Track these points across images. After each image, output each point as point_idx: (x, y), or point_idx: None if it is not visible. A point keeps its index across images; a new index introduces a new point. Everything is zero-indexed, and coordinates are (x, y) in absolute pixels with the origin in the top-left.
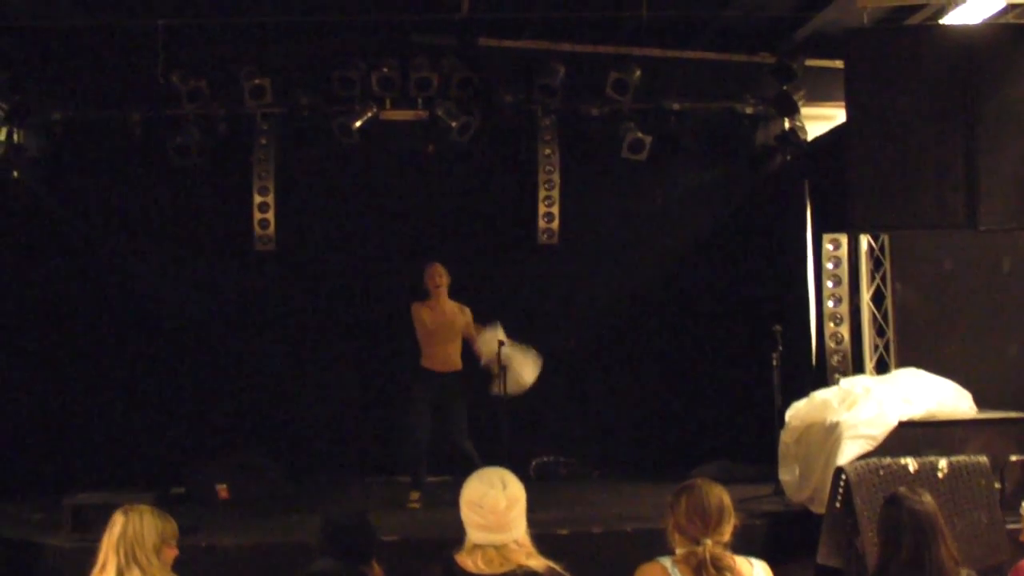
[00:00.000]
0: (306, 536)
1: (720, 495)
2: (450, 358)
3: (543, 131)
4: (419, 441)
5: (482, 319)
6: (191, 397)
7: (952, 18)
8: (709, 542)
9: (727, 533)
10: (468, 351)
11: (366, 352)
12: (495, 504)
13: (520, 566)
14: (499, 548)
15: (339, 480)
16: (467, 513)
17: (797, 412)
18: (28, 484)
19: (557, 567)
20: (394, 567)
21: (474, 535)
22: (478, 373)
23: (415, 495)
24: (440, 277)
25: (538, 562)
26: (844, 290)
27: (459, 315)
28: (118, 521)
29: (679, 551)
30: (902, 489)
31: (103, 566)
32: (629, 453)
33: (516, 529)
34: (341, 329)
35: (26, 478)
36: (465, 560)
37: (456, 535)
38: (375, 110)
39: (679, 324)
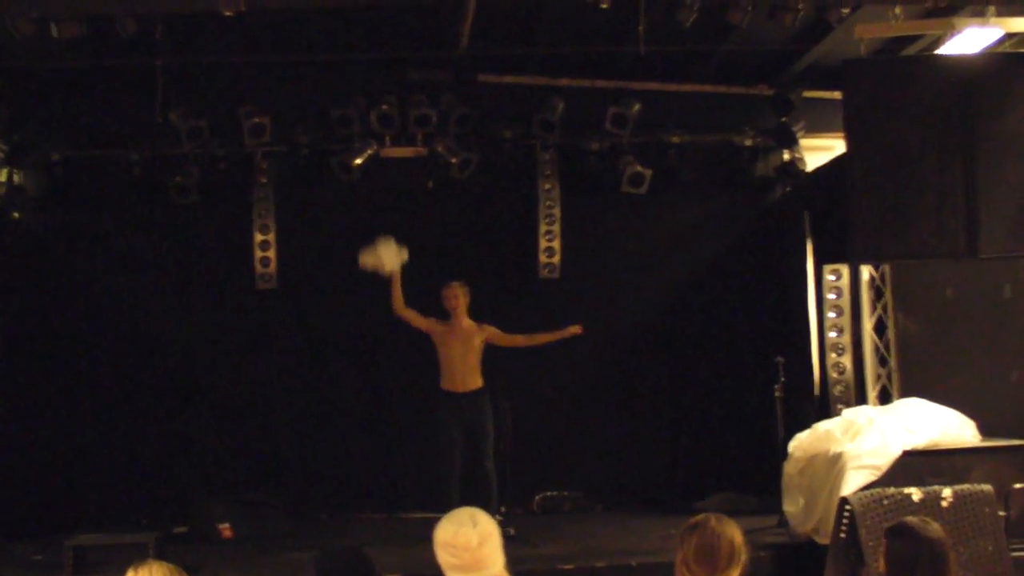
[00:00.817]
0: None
1: (732, 535)
2: (469, 377)
3: (543, 166)
4: (452, 472)
5: (485, 355)
6: (193, 435)
7: (949, 48)
8: None
9: (735, 574)
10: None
11: (369, 389)
12: (467, 542)
13: None
14: None
15: (343, 517)
16: (441, 555)
17: (800, 443)
18: (29, 524)
19: None
20: None
21: None
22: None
23: None
24: (457, 299)
25: None
26: (846, 320)
27: (477, 332)
28: None
29: None
30: (910, 519)
31: None
32: (633, 487)
33: (493, 565)
34: (343, 366)
35: (27, 518)
36: None
37: None
38: (375, 147)
39: (681, 357)
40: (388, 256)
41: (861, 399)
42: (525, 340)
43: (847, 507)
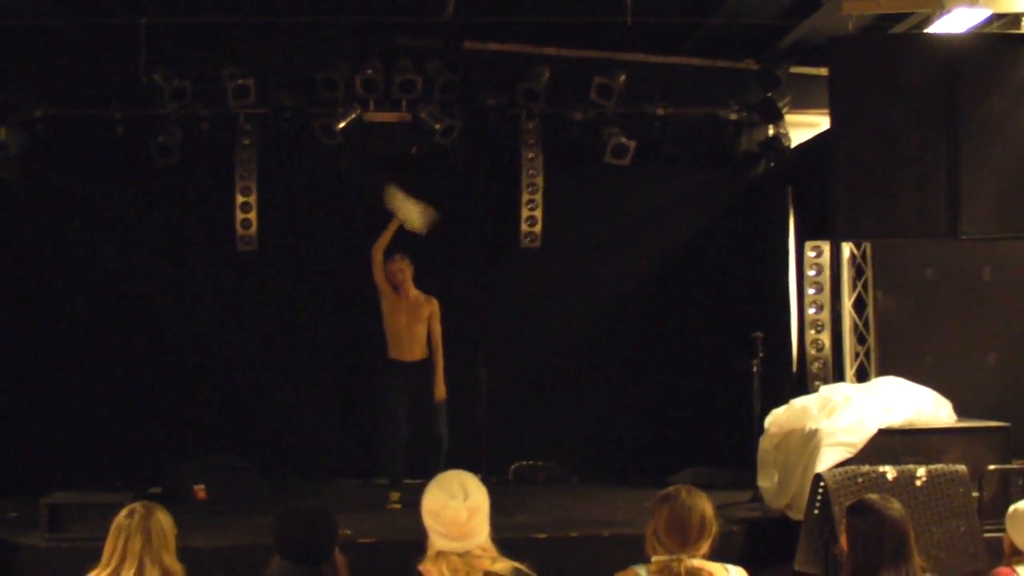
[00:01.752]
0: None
1: (703, 508)
2: (415, 346)
3: (526, 135)
4: (396, 439)
5: (463, 322)
6: (169, 396)
7: (937, 27)
8: (685, 557)
9: (705, 546)
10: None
11: (346, 353)
12: (455, 516)
13: (486, 572)
14: (463, 555)
15: (317, 481)
16: (428, 521)
17: (776, 419)
18: (5, 482)
19: (523, 567)
20: (371, 570)
21: (437, 542)
22: (457, 369)
23: (395, 496)
24: (402, 272)
25: (503, 565)
26: (825, 297)
27: (424, 304)
28: (137, 520)
29: (655, 560)
30: (871, 496)
31: (113, 567)
32: (608, 458)
33: (479, 535)
34: (321, 330)
35: (3, 476)
36: (430, 569)
37: None
38: (358, 111)
39: (660, 329)
40: (416, 215)
41: (839, 376)
42: (436, 340)
43: (821, 483)
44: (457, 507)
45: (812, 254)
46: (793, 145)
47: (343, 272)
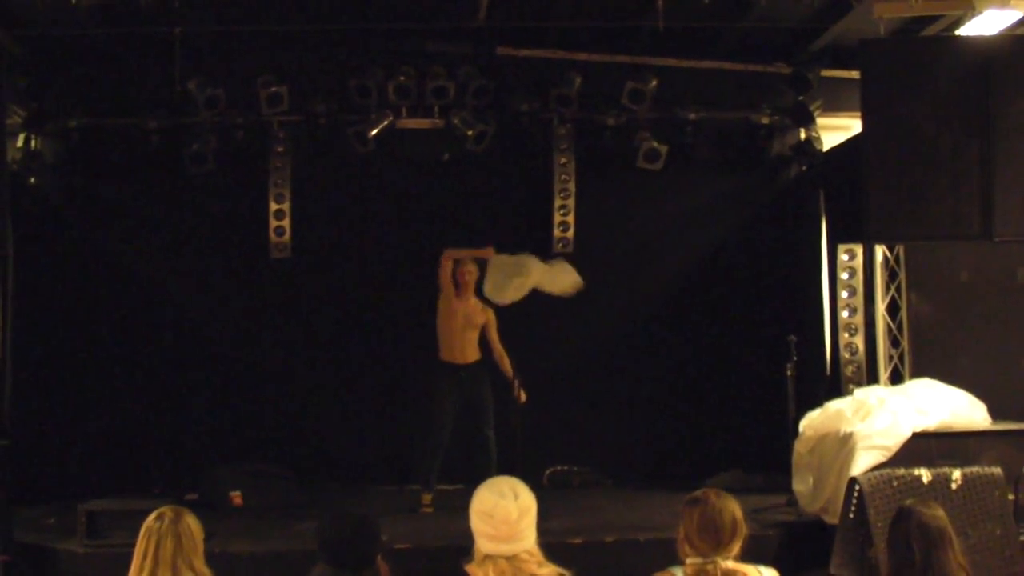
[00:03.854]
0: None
1: (732, 510)
2: (468, 348)
3: (559, 140)
4: (438, 445)
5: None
6: (206, 404)
7: (968, 29)
8: (719, 559)
9: (737, 547)
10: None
11: (381, 360)
12: (507, 514)
13: None
14: (510, 559)
15: (353, 488)
16: (477, 523)
17: (811, 422)
18: (43, 489)
19: (568, 574)
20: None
21: (484, 545)
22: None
23: (427, 498)
24: (469, 275)
25: (549, 570)
26: (859, 300)
27: (480, 313)
28: (167, 524)
29: (689, 562)
30: (910, 501)
31: (148, 573)
32: (643, 462)
33: (527, 539)
34: (356, 337)
35: (41, 483)
36: (476, 572)
37: (468, 543)
38: (391, 118)
39: (694, 333)
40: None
41: (872, 379)
42: (499, 350)
43: (856, 487)
44: (508, 506)
45: (845, 257)
46: (825, 148)
47: (378, 278)
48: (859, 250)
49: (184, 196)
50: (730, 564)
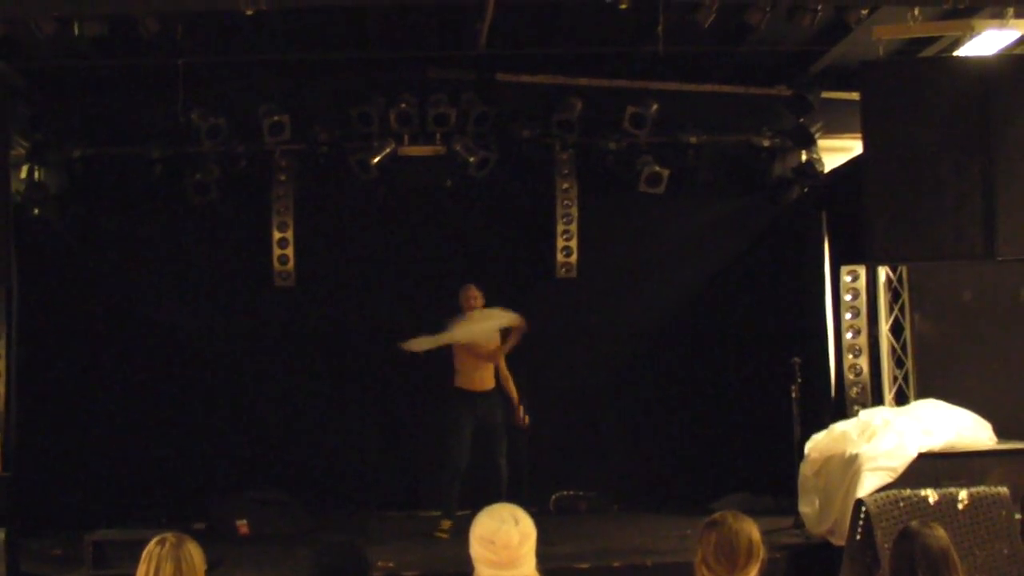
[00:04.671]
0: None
1: (750, 532)
2: (485, 377)
3: (561, 165)
4: (457, 470)
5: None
6: (212, 432)
7: (967, 50)
8: None
9: (754, 571)
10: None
11: (387, 386)
12: (508, 540)
13: None
14: None
15: (360, 515)
16: (477, 549)
17: (817, 444)
18: (49, 519)
19: None
20: None
21: (484, 571)
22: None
23: (447, 524)
24: (475, 300)
25: None
26: (863, 321)
27: (495, 337)
28: (168, 548)
29: None
30: (914, 523)
31: None
32: (649, 486)
33: (527, 565)
34: (361, 364)
35: (47, 513)
36: None
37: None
38: (393, 146)
39: (698, 357)
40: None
41: (877, 400)
42: (504, 373)
43: (863, 509)
44: (509, 531)
45: (848, 279)
46: (826, 170)
47: (382, 305)
48: (862, 271)
49: (188, 226)
50: None
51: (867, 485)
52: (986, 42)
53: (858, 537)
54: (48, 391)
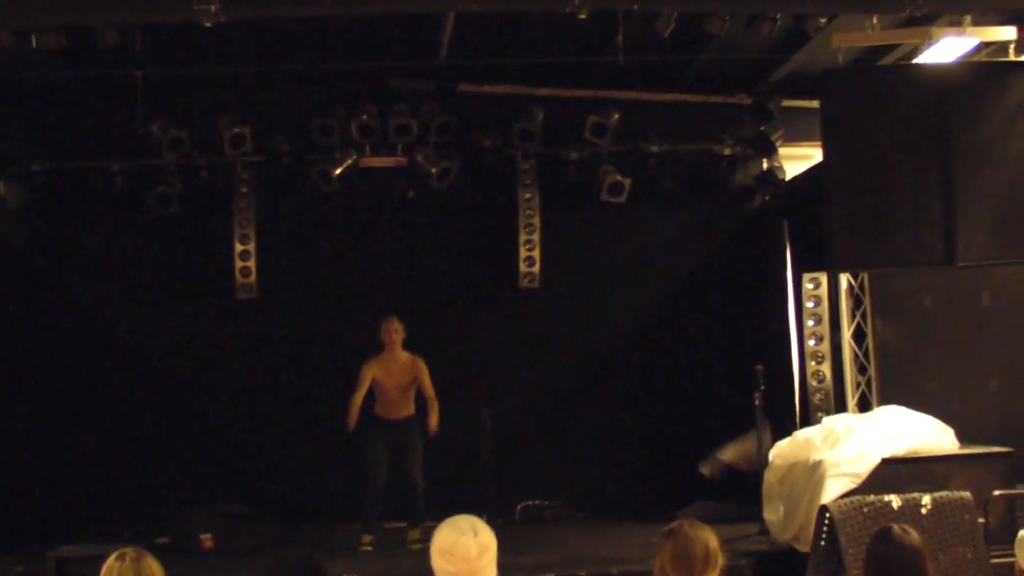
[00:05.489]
0: None
1: (706, 540)
2: (403, 406)
3: (523, 175)
4: (376, 490)
5: (464, 364)
6: (174, 446)
7: (926, 57)
8: None
9: None
10: (421, 398)
11: (348, 398)
12: (466, 552)
13: None
14: None
15: (324, 528)
16: (438, 562)
17: (780, 451)
18: (11, 536)
19: None
20: None
21: None
22: (460, 410)
23: (367, 538)
24: (395, 333)
25: None
26: (825, 328)
27: (411, 368)
28: (128, 563)
29: None
30: (894, 527)
31: None
32: (614, 495)
33: None
34: (323, 376)
35: (9, 530)
36: None
37: None
38: (355, 157)
39: (662, 365)
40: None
41: (841, 407)
42: (430, 395)
43: (827, 515)
44: (468, 543)
45: (810, 286)
46: (788, 178)
47: (344, 317)
48: (824, 278)
49: (149, 238)
50: None
51: (831, 491)
52: (944, 49)
53: (822, 543)
54: (6, 405)
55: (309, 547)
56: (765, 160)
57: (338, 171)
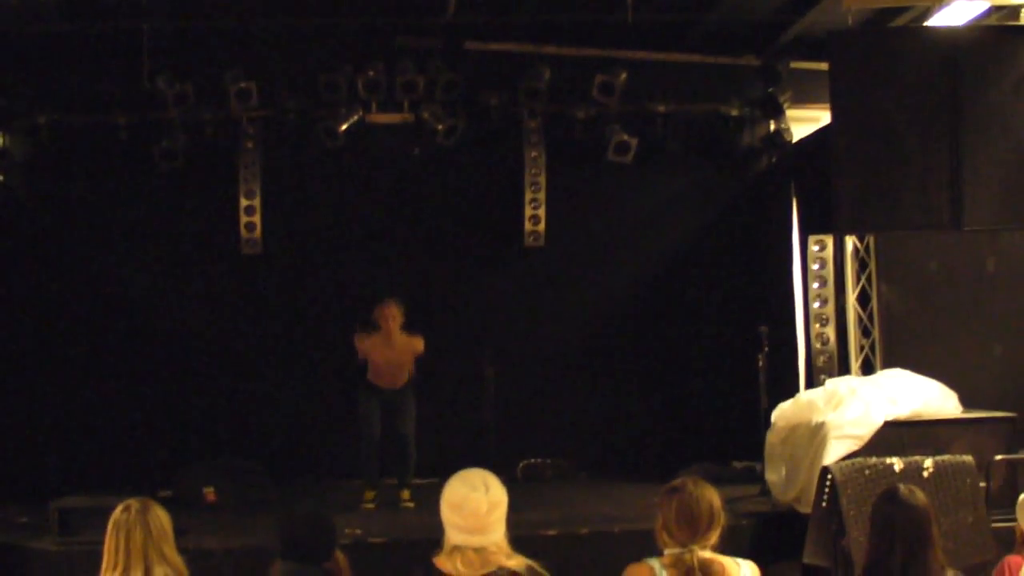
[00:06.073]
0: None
1: (710, 498)
2: (397, 379)
3: (529, 134)
4: (371, 439)
5: (468, 322)
6: (177, 400)
7: (936, 20)
8: (696, 548)
9: (715, 537)
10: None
11: (353, 354)
12: (476, 507)
13: (500, 567)
14: (478, 550)
15: (326, 483)
16: (447, 514)
17: (783, 413)
18: (13, 487)
19: (536, 565)
20: (383, 569)
21: (453, 536)
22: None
23: (370, 495)
24: (392, 320)
25: (517, 562)
26: (830, 291)
27: (408, 348)
28: (135, 514)
29: (667, 552)
30: (901, 487)
31: (122, 567)
32: (617, 454)
33: (496, 532)
34: (328, 332)
35: (12, 482)
36: (444, 563)
37: (441, 536)
38: (361, 113)
39: (666, 325)
40: None
41: (844, 369)
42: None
43: (828, 476)
44: (479, 499)
45: (816, 248)
46: (795, 140)
47: (349, 273)
48: (829, 241)
49: (154, 192)
50: (707, 554)
51: (833, 453)
52: (955, 13)
53: (824, 504)
54: (12, 359)
55: (318, 503)
56: (772, 122)
57: (344, 127)
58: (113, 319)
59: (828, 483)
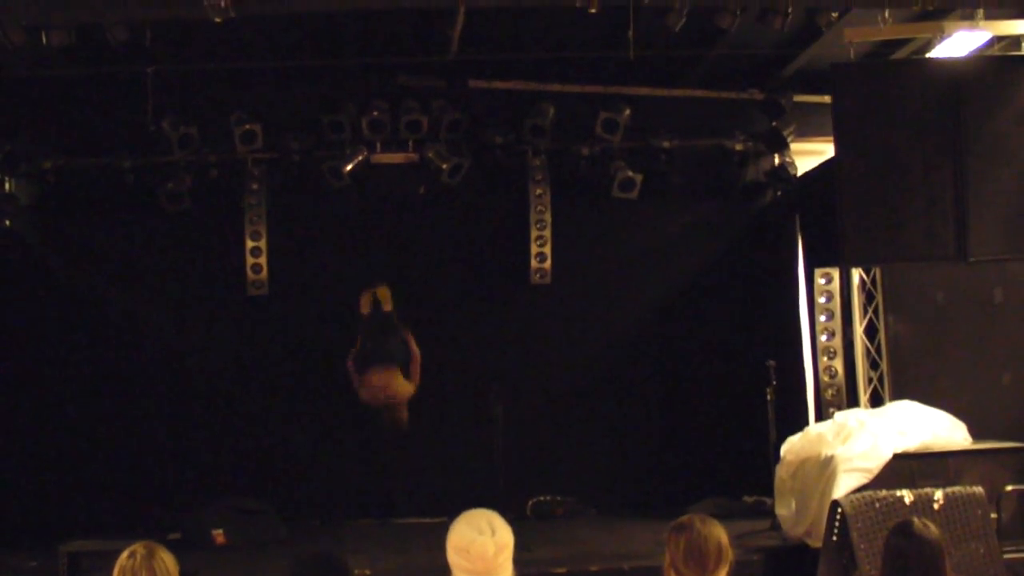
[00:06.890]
0: None
1: (718, 536)
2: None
3: (534, 171)
4: None
5: (476, 360)
6: (186, 442)
7: (939, 51)
8: None
9: (723, 574)
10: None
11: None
12: (483, 551)
13: None
14: None
15: (336, 523)
16: (454, 559)
17: (792, 446)
18: (23, 531)
19: None
20: None
21: None
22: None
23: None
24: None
25: None
26: (837, 324)
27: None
28: (140, 560)
29: None
30: (914, 520)
31: None
32: (626, 491)
33: (503, 573)
34: (334, 372)
35: (21, 525)
36: None
37: None
38: (365, 153)
39: (673, 361)
40: None
41: (852, 402)
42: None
43: (839, 510)
44: (485, 542)
45: (822, 281)
46: (799, 173)
47: (354, 313)
48: (836, 273)
49: (160, 235)
50: None
51: (843, 486)
52: (957, 44)
53: (834, 538)
54: (20, 401)
55: (327, 543)
56: (777, 155)
57: (349, 167)
58: (121, 361)
59: (838, 517)
